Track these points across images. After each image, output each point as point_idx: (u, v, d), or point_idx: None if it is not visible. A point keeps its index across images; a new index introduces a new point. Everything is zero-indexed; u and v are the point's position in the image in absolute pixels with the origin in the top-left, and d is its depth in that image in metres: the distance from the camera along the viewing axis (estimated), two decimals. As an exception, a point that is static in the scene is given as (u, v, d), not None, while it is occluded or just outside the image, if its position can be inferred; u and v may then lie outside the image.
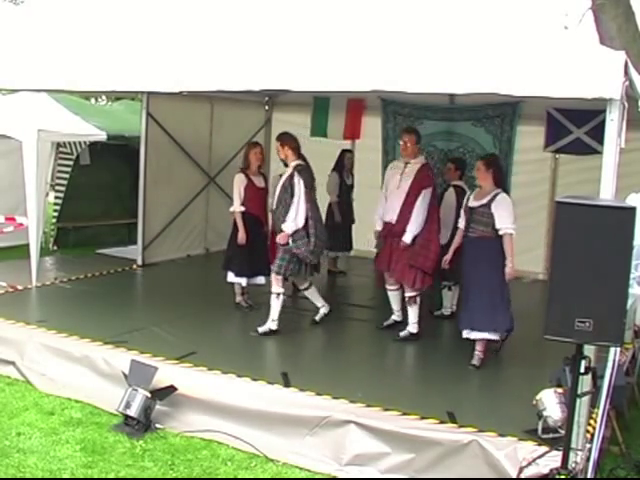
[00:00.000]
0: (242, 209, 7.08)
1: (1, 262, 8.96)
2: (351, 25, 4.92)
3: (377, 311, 7.40)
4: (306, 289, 6.98)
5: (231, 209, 7.20)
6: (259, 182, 7.26)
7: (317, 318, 6.95)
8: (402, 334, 6.55)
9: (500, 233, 5.75)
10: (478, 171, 5.98)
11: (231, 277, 7.26)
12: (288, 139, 6.66)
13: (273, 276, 6.60)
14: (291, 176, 6.50)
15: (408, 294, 6.54)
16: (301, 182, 6.45)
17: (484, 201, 5.85)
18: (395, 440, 4.56)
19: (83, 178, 10.91)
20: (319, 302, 7.00)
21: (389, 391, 5.27)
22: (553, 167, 9.63)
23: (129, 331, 6.23)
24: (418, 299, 6.52)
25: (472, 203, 5.97)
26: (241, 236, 7.05)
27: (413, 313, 6.55)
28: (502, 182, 6.12)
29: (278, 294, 6.56)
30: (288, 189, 6.47)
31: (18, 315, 6.48)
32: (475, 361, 5.94)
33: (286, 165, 6.65)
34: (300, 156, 6.63)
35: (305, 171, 6.55)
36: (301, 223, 6.46)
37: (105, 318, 6.64)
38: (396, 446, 4.55)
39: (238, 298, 7.40)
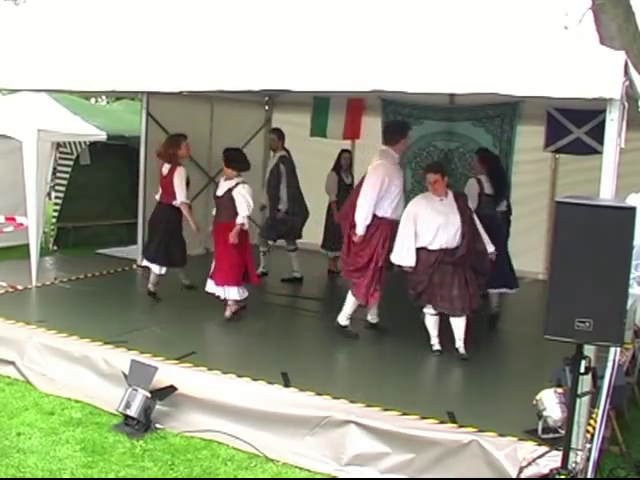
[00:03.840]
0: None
1: (1, 262, 8.96)
2: (351, 25, 4.92)
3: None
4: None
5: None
6: None
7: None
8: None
9: None
10: None
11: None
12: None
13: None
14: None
15: None
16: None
17: None
18: (395, 440, 4.56)
19: (83, 178, 10.89)
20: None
21: (389, 391, 5.27)
22: (553, 167, 9.62)
23: (129, 331, 6.23)
24: None
25: None
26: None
27: None
28: None
29: None
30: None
31: (18, 315, 6.47)
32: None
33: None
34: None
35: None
36: None
37: (105, 318, 6.63)
38: (396, 446, 4.55)
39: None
